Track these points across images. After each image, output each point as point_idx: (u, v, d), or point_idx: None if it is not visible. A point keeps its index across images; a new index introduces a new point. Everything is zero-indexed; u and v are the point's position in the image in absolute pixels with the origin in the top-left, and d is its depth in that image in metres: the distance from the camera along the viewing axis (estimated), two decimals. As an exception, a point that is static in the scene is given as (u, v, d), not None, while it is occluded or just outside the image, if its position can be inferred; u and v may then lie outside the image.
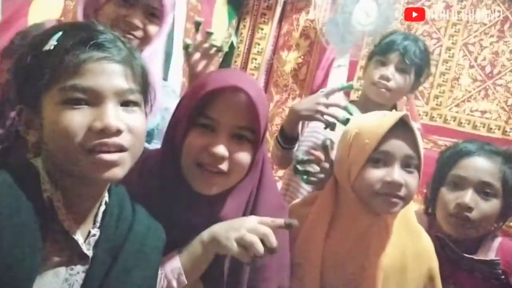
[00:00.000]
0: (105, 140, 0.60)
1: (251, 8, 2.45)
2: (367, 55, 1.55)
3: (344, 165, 0.99)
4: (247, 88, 0.79)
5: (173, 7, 1.13)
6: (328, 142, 1.13)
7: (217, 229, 0.81)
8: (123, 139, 0.62)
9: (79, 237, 0.65)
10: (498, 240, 1.18)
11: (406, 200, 0.96)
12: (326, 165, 1.12)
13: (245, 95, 0.79)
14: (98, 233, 0.68)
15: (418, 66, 1.41)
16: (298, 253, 1.00)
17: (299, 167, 1.16)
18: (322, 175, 1.12)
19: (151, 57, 1.08)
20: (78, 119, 0.59)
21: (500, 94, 2.42)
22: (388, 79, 1.38)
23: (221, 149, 0.79)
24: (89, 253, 0.66)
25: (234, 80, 0.80)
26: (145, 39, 1.08)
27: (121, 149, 0.62)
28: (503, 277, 1.09)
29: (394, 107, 1.50)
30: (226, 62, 2.45)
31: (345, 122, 1.16)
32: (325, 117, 1.21)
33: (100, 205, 0.70)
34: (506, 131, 2.41)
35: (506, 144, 2.36)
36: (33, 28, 1.09)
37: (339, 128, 1.19)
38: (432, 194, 1.18)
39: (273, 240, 0.75)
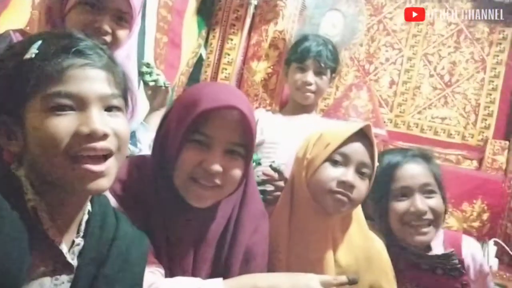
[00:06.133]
0: (93, 144, 0.60)
1: (220, 19, 2.47)
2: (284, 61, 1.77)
3: (303, 162, 1.05)
4: (241, 106, 0.81)
5: (141, 8, 1.13)
6: (276, 164, 1.22)
7: (278, 282, 0.81)
8: (110, 143, 0.62)
9: (63, 246, 0.65)
10: (441, 233, 1.25)
11: (354, 202, 1.02)
12: (281, 183, 1.19)
13: (239, 112, 0.81)
14: (82, 243, 0.68)
15: (332, 67, 1.64)
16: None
17: None
18: (278, 193, 1.17)
19: (125, 61, 1.07)
20: (64, 124, 0.59)
21: (459, 101, 2.56)
22: (310, 84, 1.59)
23: (216, 166, 0.81)
24: (74, 262, 0.66)
25: (228, 99, 0.82)
26: (114, 44, 1.05)
27: (109, 152, 0.63)
28: (459, 266, 1.14)
29: (315, 104, 1.76)
30: (195, 72, 2.46)
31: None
32: None
33: (83, 214, 0.69)
34: (465, 136, 2.55)
35: (465, 148, 2.49)
36: None
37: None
38: (381, 210, 1.20)
39: None
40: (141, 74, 1.26)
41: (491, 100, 2.51)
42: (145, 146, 1.24)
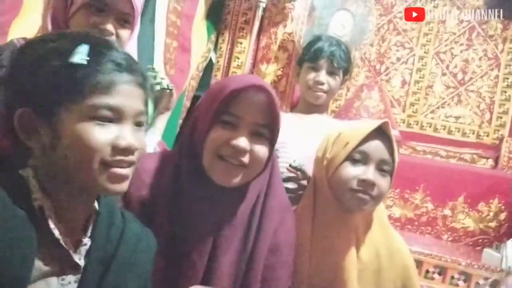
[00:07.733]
0: (123, 158, 0.64)
1: (229, 23, 2.49)
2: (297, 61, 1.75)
3: (323, 162, 1.06)
4: (267, 87, 0.86)
5: (141, 9, 1.16)
6: (296, 163, 1.22)
7: None
8: (135, 157, 0.66)
9: (70, 246, 0.65)
10: None
11: (376, 200, 1.02)
12: (304, 182, 1.19)
13: (266, 94, 0.85)
14: (89, 243, 0.68)
15: (345, 67, 1.63)
16: None
17: None
18: (301, 192, 1.18)
19: None
20: (103, 135, 0.62)
21: (473, 99, 2.52)
22: (322, 83, 1.57)
23: (243, 142, 0.84)
24: (81, 262, 0.66)
25: (255, 80, 0.87)
26: (118, 44, 1.08)
27: (131, 165, 0.66)
28: None
29: (327, 106, 1.75)
30: (205, 77, 2.48)
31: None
32: None
33: (91, 214, 0.70)
34: (480, 135, 2.50)
35: (480, 147, 2.44)
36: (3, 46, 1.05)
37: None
38: None
39: None
40: None
41: (506, 97, 2.46)
42: (149, 150, 1.25)
